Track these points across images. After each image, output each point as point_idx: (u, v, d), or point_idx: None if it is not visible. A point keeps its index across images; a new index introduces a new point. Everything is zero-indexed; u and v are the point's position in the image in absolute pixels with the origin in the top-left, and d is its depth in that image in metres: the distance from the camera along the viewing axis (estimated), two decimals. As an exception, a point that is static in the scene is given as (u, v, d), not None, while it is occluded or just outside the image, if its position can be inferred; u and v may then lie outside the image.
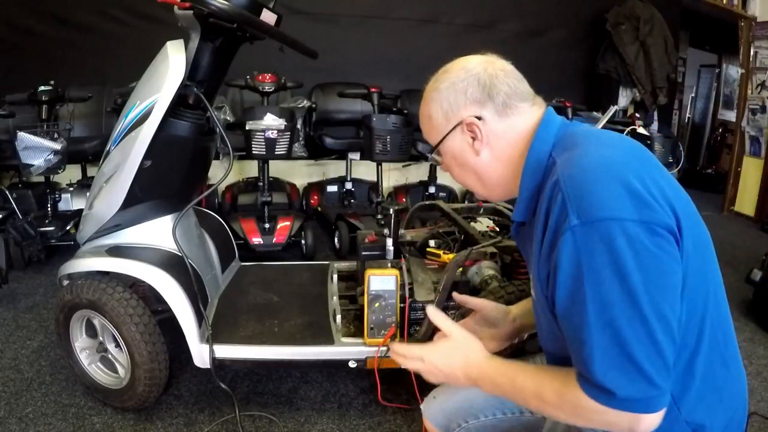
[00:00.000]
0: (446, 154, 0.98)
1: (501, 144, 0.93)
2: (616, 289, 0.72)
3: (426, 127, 1.01)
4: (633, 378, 0.72)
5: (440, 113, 0.96)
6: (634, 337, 0.72)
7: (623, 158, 0.80)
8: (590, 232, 0.73)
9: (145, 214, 1.72)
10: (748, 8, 4.37)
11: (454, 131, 0.94)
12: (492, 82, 0.92)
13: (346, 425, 1.73)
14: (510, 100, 0.92)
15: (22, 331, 2.25)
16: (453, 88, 0.94)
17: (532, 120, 0.92)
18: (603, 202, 0.74)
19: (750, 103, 4.39)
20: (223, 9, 1.41)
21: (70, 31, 3.72)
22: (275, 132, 2.68)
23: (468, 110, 0.92)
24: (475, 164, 0.95)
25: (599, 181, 0.76)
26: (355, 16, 4.10)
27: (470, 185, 1.00)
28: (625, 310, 0.72)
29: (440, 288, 1.57)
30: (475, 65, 0.95)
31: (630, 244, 0.72)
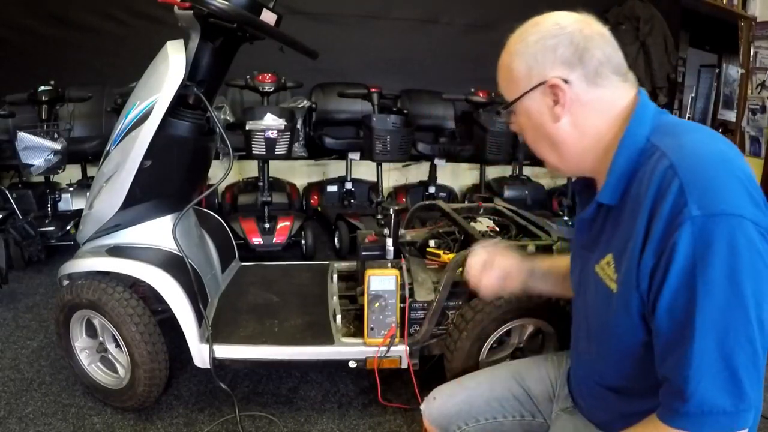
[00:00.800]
0: (521, 114, 0.91)
1: (585, 114, 0.85)
2: (729, 291, 0.69)
3: (504, 80, 0.92)
4: (727, 389, 0.70)
5: (523, 68, 0.87)
6: (737, 346, 0.70)
7: (736, 155, 0.77)
8: (711, 225, 0.69)
9: (145, 214, 1.72)
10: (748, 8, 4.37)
11: (534, 90, 0.86)
12: (586, 45, 0.83)
13: (346, 425, 1.73)
14: (602, 69, 0.84)
15: (22, 331, 2.25)
16: (542, 44, 0.85)
17: (626, 97, 0.86)
18: (726, 197, 0.70)
19: (750, 103, 4.39)
20: (223, 9, 1.41)
21: (70, 31, 3.72)
22: (275, 132, 2.68)
23: (554, 70, 0.84)
24: (552, 131, 0.87)
25: (721, 174, 0.72)
26: (355, 16, 4.09)
27: (542, 152, 0.93)
28: (734, 316, 0.69)
29: (440, 288, 1.57)
30: (570, 23, 0.85)
31: (748, 245, 0.69)
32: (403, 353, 1.60)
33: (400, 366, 1.62)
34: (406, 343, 1.60)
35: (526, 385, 1.17)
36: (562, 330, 1.56)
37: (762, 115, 4.28)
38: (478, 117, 3.33)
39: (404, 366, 1.61)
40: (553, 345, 1.58)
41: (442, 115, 4.03)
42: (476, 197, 3.46)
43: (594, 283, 0.89)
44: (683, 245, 0.70)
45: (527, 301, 1.52)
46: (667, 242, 0.72)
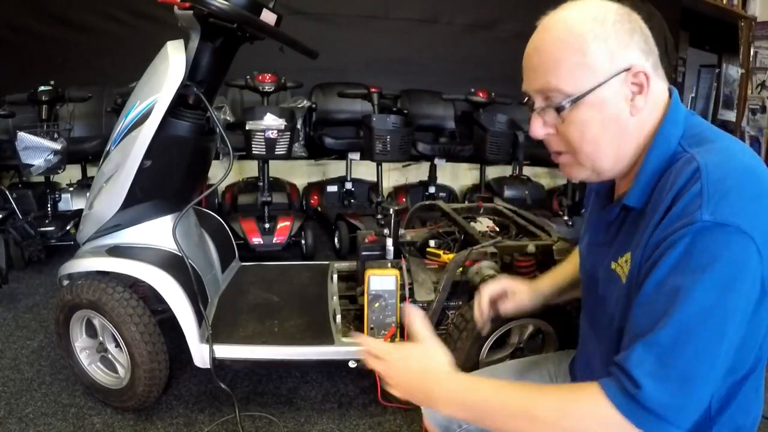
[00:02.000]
0: (591, 107, 0.76)
1: (653, 112, 0.79)
2: (713, 302, 0.67)
3: (564, 68, 0.76)
4: (675, 395, 0.67)
5: (603, 51, 0.74)
6: (703, 356, 0.67)
7: (764, 171, 0.73)
8: (718, 233, 0.67)
9: (145, 214, 1.72)
10: (748, 8, 4.37)
11: (615, 77, 0.75)
12: (649, 34, 0.77)
13: (346, 425, 1.73)
14: (658, 60, 0.78)
15: (22, 331, 2.25)
16: (621, 26, 0.75)
17: (663, 94, 0.80)
18: (740, 211, 0.68)
19: (750, 103, 4.39)
20: (223, 9, 1.41)
21: (70, 31, 3.72)
22: (275, 132, 2.68)
23: (636, 57, 0.75)
24: (625, 127, 0.78)
25: (744, 188, 0.69)
26: (355, 16, 4.09)
27: (603, 152, 0.79)
28: (708, 326, 0.67)
29: (440, 288, 1.57)
30: (620, 7, 0.77)
31: (745, 263, 0.67)
32: (403, 353, 1.60)
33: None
34: (406, 343, 1.60)
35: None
36: (562, 330, 1.56)
37: (762, 115, 4.28)
38: (478, 117, 3.33)
39: (404, 366, 1.61)
40: (553, 345, 1.58)
41: (442, 115, 4.03)
42: (476, 197, 3.46)
43: (609, 279, 0.85)
44: (682, 243, 0.68)
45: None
46: (670, 235, 0.70)
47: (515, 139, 3.41)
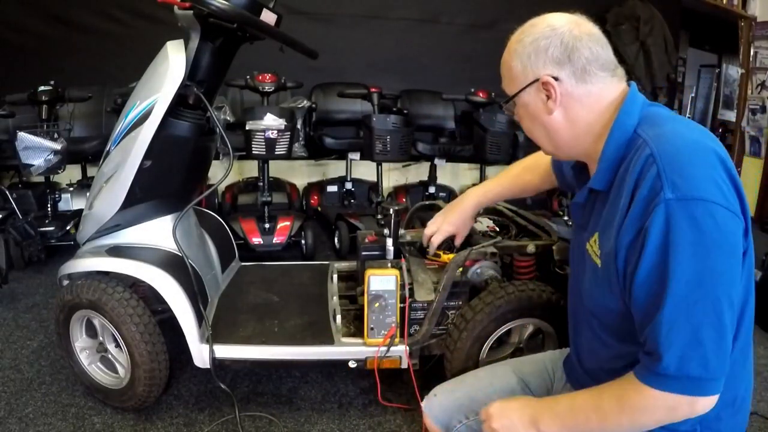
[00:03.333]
0: (519, 106, 1.00)
1: (576, 107, 0.94)
2: (698, 268, 0.77)
3: (505, 78, 1.01)
4: (694, 357, 0.77)
5: (519, 67, 0.96)
6: (705, 318, 0.77)
7: (712, 144, 0.84)
8: (682, 207, 0.77)
9: (145, 214, 1.72)
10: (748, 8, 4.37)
11: (530, 87, 0.95)
12: (575, 45, 0.91)
13: (346, 425, 1.73)
14: (589, 66, 0.91)
15: (22, 331, 2.25)
16: (535, 44, 0.93)
17: (614, 91, 0.94)
18: (697, 183, 0.78)
19: (750, 103, 4.39)
20: (223, 9, 1.41)
21: (70, 31, 3.72)
22: (275, 132, 2.68)
23: (546, 69, 0.93)
24: (547, 122, 0.96)
25: (694, 162, 0.80)
26: (355, 16, 4.09)
27: (538, 139, 1.02)
28: (702, 291, 0.77)
29: (440, 288, 1.57)
30: (561, 24, 0.93)
31: (716, 226, 0.77)
32: (403, 353, 1.60)
33: (400, 366, 1.62)
34: (406, 343, 1.60)
35: (525, 379, 1.21)
36: (562, 330, 1.56)
37: (762, 115, 4.28)
38: (478, 117, 3.33)
39: (404, 366, 1.61)
40: (553, 345, 1.58)
41: (442, 115, 4.03)
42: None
43: (585, 259, 0.99)
44: (657, 225, 0.79)
45: (527, 301, 1.52)
46: (644, 222, 0.81)
47: (515, 139, 3.40)
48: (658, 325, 0.79)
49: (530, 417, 0.93)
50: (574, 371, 1.13)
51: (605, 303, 0.93)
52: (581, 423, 0.89)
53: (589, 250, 0.97)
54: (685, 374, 0.78)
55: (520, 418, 0.94)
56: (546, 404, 0.96)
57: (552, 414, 0.92)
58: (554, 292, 1.54)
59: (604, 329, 0.98)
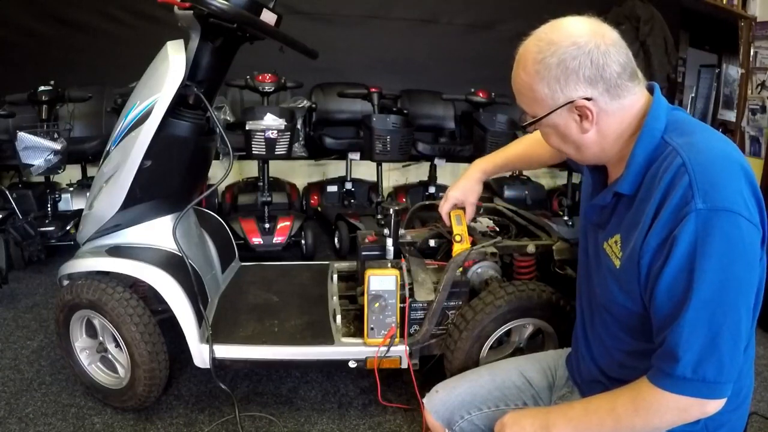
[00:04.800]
0: (547, 126, 0.96)
1: (610, 122, 0.91)
2: (722, 276, 0.79)
3: (525, 98, 0.95)
4: (711, 361, 0.80)
5: (546, 90, 0.90)
6: (724, 324, 0.79)
7: (737, 156, 0.87)
8: (713, 218, 0.79)
9: (145, 214, 1.72)
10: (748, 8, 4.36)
11: (561, 109, 0.91)
12: (605, 61, 0.87)
13: (346, 425, 1.73)
14: (620, 80, 0.89)
15: (22, 331, 2.25)
16: (564, 66, 0.88)
17: (641, 98, 0.92)
18: (726, 195, 0.80)
19: (750, 103, 4.38)
20: (223, 9, 1.41)
21: (70, 31, 3.71)
22: (275, 132, 2.68)
23: (579, 90, 0.88)
24: (578, 139, 0.94)
25: (724, 174, 0.82)
26: (355, 16, 4.09)
27: (566, 152, 1.00)
28: (724, 298, 0.79)
29: (440, 288, 1.57)
30: (586, 39, 0.88)
31: (742, 239, 0.79)
32: (403, 353, 1.60)
33: (400, 366, 1.62)
34: (406, 343, 1.60)
35: (527, 375, 1.22)
36: (562, 330, 1.56)
37: (762, 115, 4.28)
38: (478, 117, 3.33)
39: (404, 366, 1.61)
40: (553, 345, 1.58)
41: (442, 115, 4.03)
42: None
43: (602, 257, 0.99)
44: (687, 233, 0.80)
45: (527, 301, 1.52)
46: (674, 228, 0.82)
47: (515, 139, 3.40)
48: (679, 328, 0.81)
49: (542, 423, 0.95)
50: (578, 368, 1.13)
51: (621, 301, 0.94)
52: (594, 426, 0.91)
53: (607, 249, 0.97)
54: (701, 377, 0.80)
55: (532, 424, 0.96)
56: (559, 410, 0.98)
57: (565, 419, 0.94)
58: (554, 292, 1.54)
59: (617, 325, 0.99)
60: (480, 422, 1.19)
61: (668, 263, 0.82)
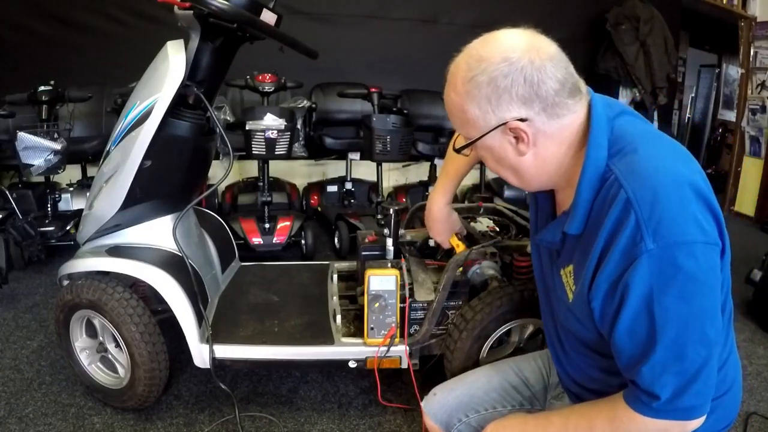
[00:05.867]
0: (482, 149, 0.90)
1: (549, 144, 0.85)
2: (684, 312, 0.76)
3: (457, 119, 0.89)
4: (688, 391, 0.78)
5: (477, 111, 0.84)
6: (696, 356, 0.77)
7: (685, 170, 0.80)
8: (666, 255, 0.75)
9: (145, 214, 1.72)
10: (748, 8, 4.37)
11: (494, 131, 0.84)
12: (540, 78, 0.80)
13: (346, 425, 1.73)
14: (558, 98, 0.82)
15: (22, 331, 2.25)
16: (494, 84, 0.81)
17: (581, 116, 0.86)
18: (677, 227, 0.75)
19: (750, 103, 4.39)
20: (223, 9, 1.41)
21: (70, 31, 3.72)
22: (275, 132, 2.68)
23: (512, 111, 0.82)
24: (516, 162, 0.87)
25: (675, 200, 0.76)
26: (355, 16, 4.09)
27: (505, 176, 0.93)
28: (691, 332, 0.77)
29: (440, 288, 1.57)
30: (519, 55, 0.81)
31: (698, 266, 0.75)
32: (403, 353, 1.60)
33: (400, 366, 1.62)
34: (406, 343, 1.60)
35: (523, 376, 1.22)
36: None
37: (762, 115, 4.28)
38: (478, 117, 3.32)
39: (404, 366, 1.61)
40: (553, 345, 1.58)
41: (442, 115, 3.99)
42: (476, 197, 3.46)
43: (557, 285, 0.96)
44: (640, 276, 0.76)
45: (527, 301, 1.52)
46: (624, 271, 0.78)
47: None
48: (650, 370, 0.78)
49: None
50: (560, 378, 1.11)
51: (580, 329, 0.92)
52: None
53: (563, 278, 0.93)
54: (683, 407, 0.79)
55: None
56: (538, 422, 0.97)
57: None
58: (554, 292, 1.54)
59: (584, 346, 0.97)
60: (477, 424, 1.19)
61: (624, 308, 0.78)
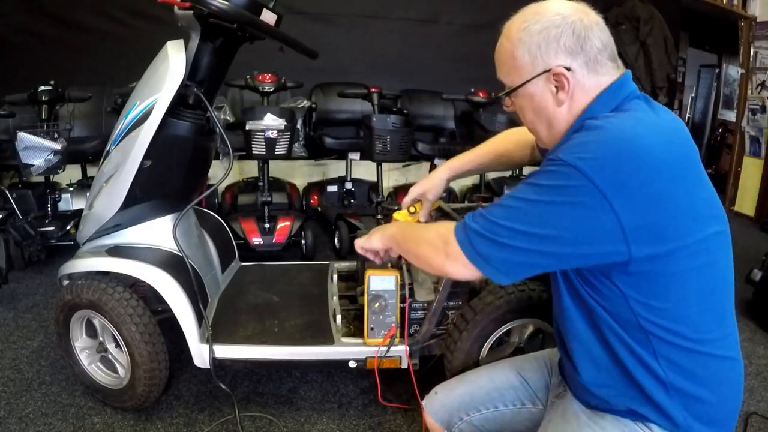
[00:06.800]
0: (523, 97, 0.97)
1: (582, 99, 0.92)
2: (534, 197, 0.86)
3: (505, 66, 0.97)
4: (485, 241, 0.90)
5: (527, 56, 0.92)
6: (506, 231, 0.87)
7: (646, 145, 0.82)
8: (561, 165, 0.84)
9: (145, 214, 1.72)
10: (748, 8, 4.37)
11: (538, 77, 0.92)
12: (587, 34, 0.89)
13: (346, 425, 1.73)
14: (600, 56, 0.90)
15: (22, 331, 2.25)
16: (546, 33, 0.90)
17: (602, 83, 0.92)
18: (587, 158, 0.81)
19: (750, 103, 4.39)
20: (223, 9, 1.41)
21: (71, 31, 3.72)
22: (275, 132, 2.68)
23: (558, 59, 0.90)
24: (553, 113, 0.94)
25: (608, 147, 0.82)
26: (355, 16, 4.10)
27: (537, 129, 1.00)
28: (520, 214, 0.87)
29: (440, 288, 1.57)
30: (570, 12, 0.90)
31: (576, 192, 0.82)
32: (403, 353, 1.60)
33: (400, 366, 1.62)
34: (406, 343, 1.60)
35: (525, 375, 1.22)
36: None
37: (762, 115, 4.28)
38: (478, 117, 3.33)
39: (404, 366, 1.61)
40: (553, 345, 1.58)
41: (442, 115, 4.03)
42: (476, 197, 3.46)
43: None
44: (540, 169, 0.88)
45: (527, 301, 1.52)
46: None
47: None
48: (483, 213, 0.91)
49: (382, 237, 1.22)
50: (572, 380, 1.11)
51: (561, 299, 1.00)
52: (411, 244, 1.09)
53: None
54: (474, 241, 0.90)
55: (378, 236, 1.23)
56: (391, 229, 1.21)
57: (391, 237, 1.18)
58: (554, 292, 1.54)
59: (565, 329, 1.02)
60: (479, 423, 1.19)
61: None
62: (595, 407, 1.00)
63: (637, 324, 0.89)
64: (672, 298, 0.87)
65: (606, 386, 0.96)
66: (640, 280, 0.86)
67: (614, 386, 0.95)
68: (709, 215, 0.87)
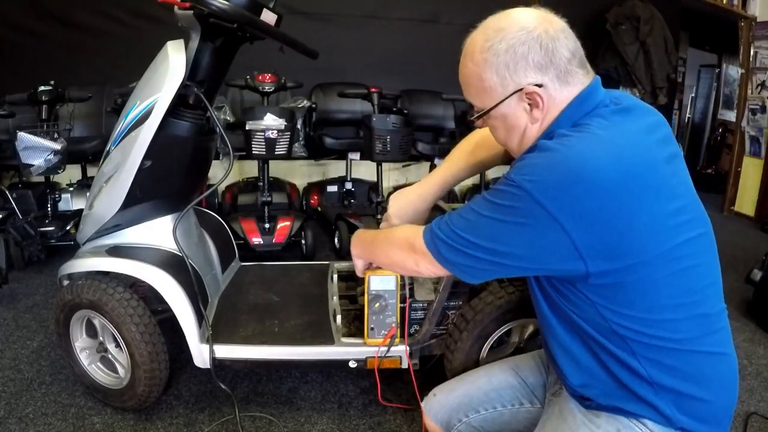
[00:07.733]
0: (495, 118, 0.95)
1: (555, 112, 0.90)
2: (487, 212, 0.88)
3: (473, 88, 0.96)
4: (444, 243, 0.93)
5: (495, 77, 0.90)
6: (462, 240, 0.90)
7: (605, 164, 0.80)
8: (512, 186, 0.85)
9: (145, 214, 1.72)
10: (748, 8, 4.37)
11: (510, 97, 0.90)
12: (554, 46, 0.86)
13: (346, 425, 1.73)
14: (570, 66, 0.88)
15: (22, 331, 2.25)
16: (513, 51, 0.87)
17: (571, 94, 0.90)
18: (535, 180, 0.82)
19: (750, 103, 4.39)
20: (223, 9, 1.41)
21: (70, 31, 3.72)
22: (275, 132, 2.68)
23: (529, 77, 0.87)
24: (527, 129, 0.93)
25: (554, 172, 0.81)
26: (355, 16, 4.10)
27: (509, 145, 1.00)
28: (474, 225, 0.90)
29: (440, 288, 1.57)
30: (535, 24, 0.87)
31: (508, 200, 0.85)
32: (403, 353, 1.60)
33: (401, 366, 1.62)
34: (406, 343, 1.60)
35: (522, 375, 1.22)
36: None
37: (762, 115, 4.28)
38: (478, 117, 3.32)
39: (404, 366, 1.61)
40: (553, 345, 1.58)
41: (442, 115, 4.03)
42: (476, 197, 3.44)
43: None
44: (495, 187, 0.89)
45: (528, 301, 1.52)
46: None
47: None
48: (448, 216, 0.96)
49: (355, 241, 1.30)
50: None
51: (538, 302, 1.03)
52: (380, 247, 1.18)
53: None
54: (436, 244, 0.95)
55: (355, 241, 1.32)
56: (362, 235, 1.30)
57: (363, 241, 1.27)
58: (554, 292, 1.54)
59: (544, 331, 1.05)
60: (478, 424, 1.19)
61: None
62: (588, 407, 1.00)
63: (611, 329, 0.88)
64: (640, 307, 0.86)
65: (593, 387, 0.96)
66: (605, 290, 0.85)
67: (601, 387, 0.94)
68: (678, 224, 0.84)
